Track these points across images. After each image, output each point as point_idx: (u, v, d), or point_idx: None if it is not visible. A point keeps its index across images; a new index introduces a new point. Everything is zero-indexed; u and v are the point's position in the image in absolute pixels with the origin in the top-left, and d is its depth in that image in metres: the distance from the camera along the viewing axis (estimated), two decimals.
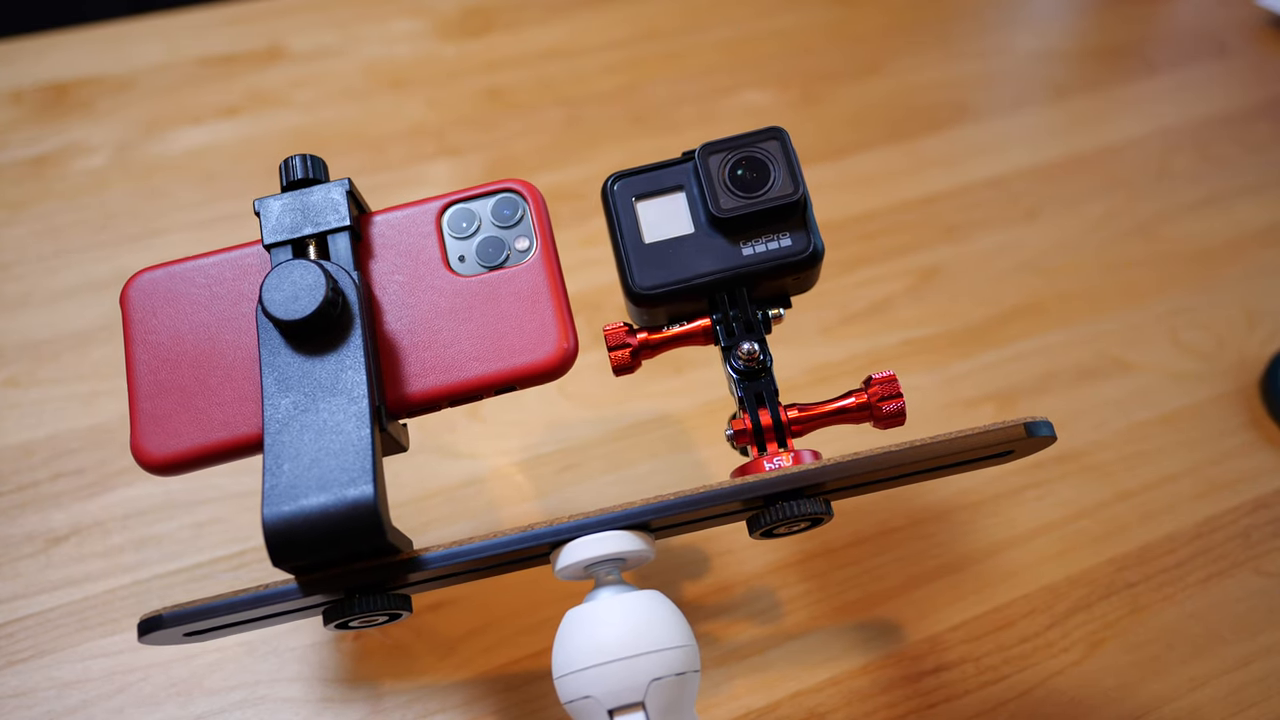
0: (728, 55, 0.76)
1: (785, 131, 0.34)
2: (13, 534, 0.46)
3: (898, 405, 0.33)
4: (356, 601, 0.30)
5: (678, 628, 0.30)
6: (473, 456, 0.50)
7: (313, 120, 0.68)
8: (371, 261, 0.33)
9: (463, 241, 0.33)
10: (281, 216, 0.32)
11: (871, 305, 0.58)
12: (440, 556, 0.30)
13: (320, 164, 0.33)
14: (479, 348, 0.31)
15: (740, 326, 0.34)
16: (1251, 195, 0.67)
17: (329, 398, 0.29)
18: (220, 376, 0.31)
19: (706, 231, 0.34)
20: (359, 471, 0.28)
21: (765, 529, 0.32)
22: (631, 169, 0.35)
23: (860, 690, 0.42)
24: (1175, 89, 0.75)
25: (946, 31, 0.80)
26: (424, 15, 0.77)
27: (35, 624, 0.43)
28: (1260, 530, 0.48)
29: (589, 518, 0.31)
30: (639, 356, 0.34)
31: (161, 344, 0.32)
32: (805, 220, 0.34)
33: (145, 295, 0.32)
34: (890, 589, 0.45)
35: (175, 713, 0.40)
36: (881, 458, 0.30)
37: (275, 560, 0.28)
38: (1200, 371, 0.55)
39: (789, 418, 0.33)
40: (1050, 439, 0.31)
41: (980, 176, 0.67)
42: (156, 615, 0.29)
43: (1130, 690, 0.42)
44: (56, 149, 0.64)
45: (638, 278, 0.34)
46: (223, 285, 0.32)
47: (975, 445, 0.30)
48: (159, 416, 0.31)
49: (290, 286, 0.29)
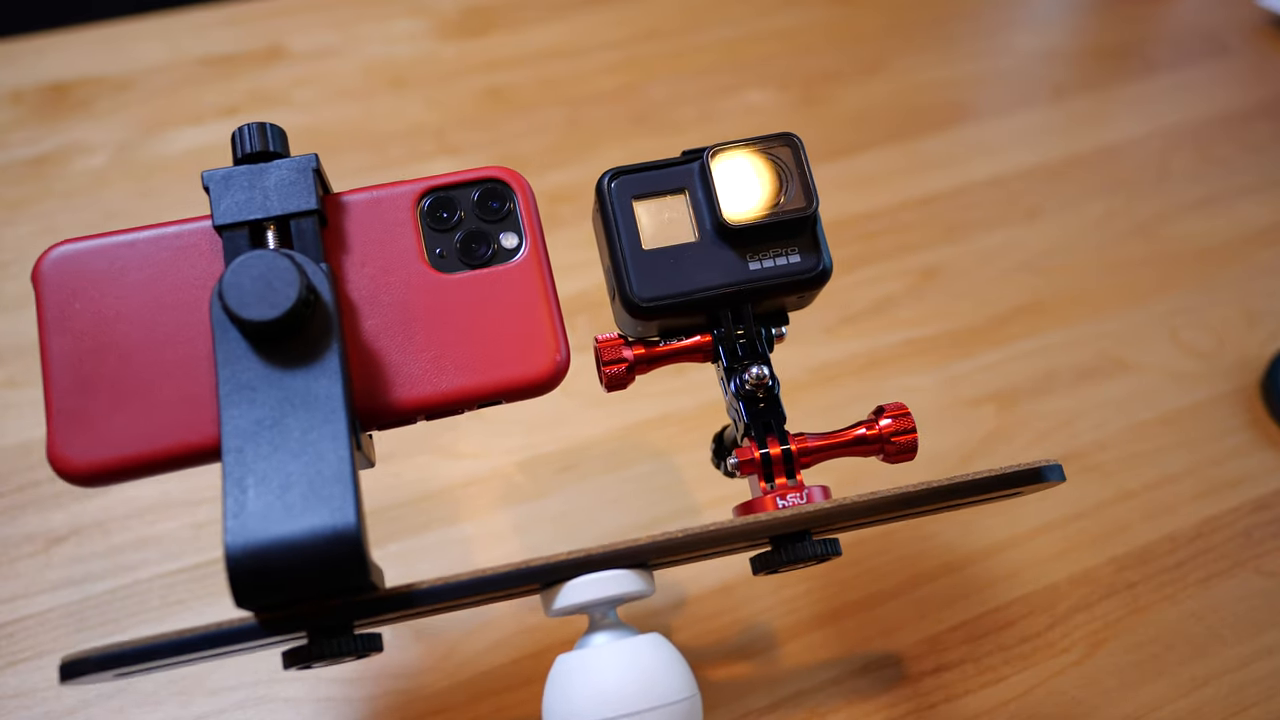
0: (728, 55, 0.76)
1: (798, 138, 0.32)
2: (12, 534, 0.46)
3: (910, 440, 0.31)
4: (324, 644, 0.26)
5: (682, 677, 0.29)
6: (473, 456, 0.49)
7: (313, 120, 0.68)
8: (339, 250, 0.29)
9: (442, 234, 0.29)
10: (236, 193, 0.27)
11: (872, 305, 0.58)
12: (426, 593, 0.27)
13: (280, 134, 0.28)
14: (460, 356, 0.28)
15: (744, 345, 0.32)
16: (1251, 195, 0.67)
17: (300, 411, 0.25)
18: (158, 373, 0.27)
19: (712, 241, 0.31)
20: (339, 498, 0.24)
21: (772, 568, 0.30)
22: (630, 166, 0.32)
23: (860, 690, 0.42)
24: (1175, 89, 0.75)
25: (946, 31, 0.80)
26: (424, 15, 0.77)
27: (35, 624, 0.43)
28: (1261, 530, 0.48)
29: (587, 554, 0.28)
30: (634, 371, 0.32)
31: (85, 331, 0.27)
32: (816, 236, 0.32)
33: (65, 273, 0.28)
34: (890, 589, 0.45)
35: (175, 713, 0.40)
36: (898, 498, 0.28)
37: (240, 599, 0.24)
38: (1200, 371, 0.55)
39: (797, 448, 0.31)
40: (1059, 481, 0.30)
41: (980, 176, 0.67)
42: (81, 658, 0.25)
43: (1130, 690, 0.42)
44: (56, 149, 0.64)
45: (638, 288, 0.31)
46: (163, 266, 0.28)
47: (990, 487, 0.29)
48: (81, 417, 0.26)
49: (257, 281, 0.25)
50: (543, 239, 0.30)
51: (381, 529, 0.46)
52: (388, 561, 0.45)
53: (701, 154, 0.32)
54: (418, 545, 0.46)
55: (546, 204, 0.63)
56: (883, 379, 0.54)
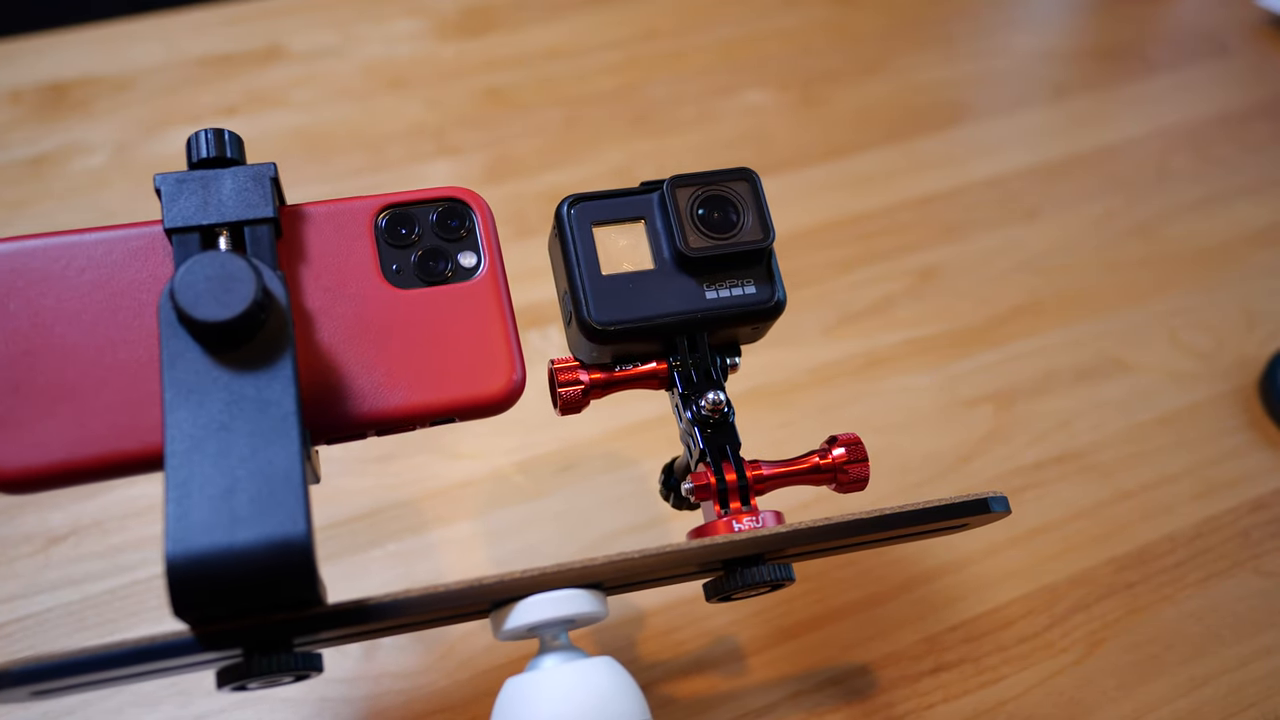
0: (728, 55, 0.76)
1: (756, 174, 0.33)
2: (11, 534, 0.46)
3: (862, 470, 0.32)
4: (258, 661, 0.25)
5: (633, 702, 0.28)
6: (472, 457, 0.49)
7: (312, 120, 0.68)
8: (294, 260, 0.28)
9: (400, 250, 0.29)
10: (189, 197, 0.27)
11: (871, 305, 0.58)
12: (377, 608, 0.26)
13: (238, 141, 0.28)
14: (414, 372, 0.28)
15: (698, 373, 0.32)
16: (1251, 195, 0.67)
17: (250, 416, 0.24)
18: (99, 378, 0.26)
19: (670, 269, 0.32)
20: (289, 505, 0.23)
21: (725, 594, 0.30)
22: (589, 193, 0.32)
23: (859, 690, 0.42)
24: (1174, 89, 0.75)
25: (946, 31, 0.80)
26: (423, 15, 0.77)
27: (34, 624, 0.43)
28: (1259, 530, 0.48)
29: (536, 574, 0.27)
30: (590, 395, 0.33)
31: (19, 333, 0.26)
32: (771, 269, 0.33)
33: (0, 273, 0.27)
34: (889, 589, 0.45)
35: (175, 712, 0.40)
36: (850, 525, 0.29)
37: (178, 608, 0.23)
38: (1199, 372, 0.56)
39: (752, 474, 0.32)
40: (1004, 514, 0.31)
41: (980, 176, 0.67)
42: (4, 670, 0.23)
43: (1129, 690, 0.42)
44: (56, 149, 0.64)
45: (596, 312, 0.31)
46: (107, 269, 0.27)
47: (939, 518, 0.29)
48: (11, 422, 0.25)
49: (210, 281, 0.24)
50: (501, 259, 0.30)
51: (381, 529, 0.47)
52: (387, 561, 0.45)
53: (661, 185, 0.32)
54: (418, 545, 0.46)
55: (545, 204, 0.63)
56: (881, 379, 0.54)
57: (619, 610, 0.44)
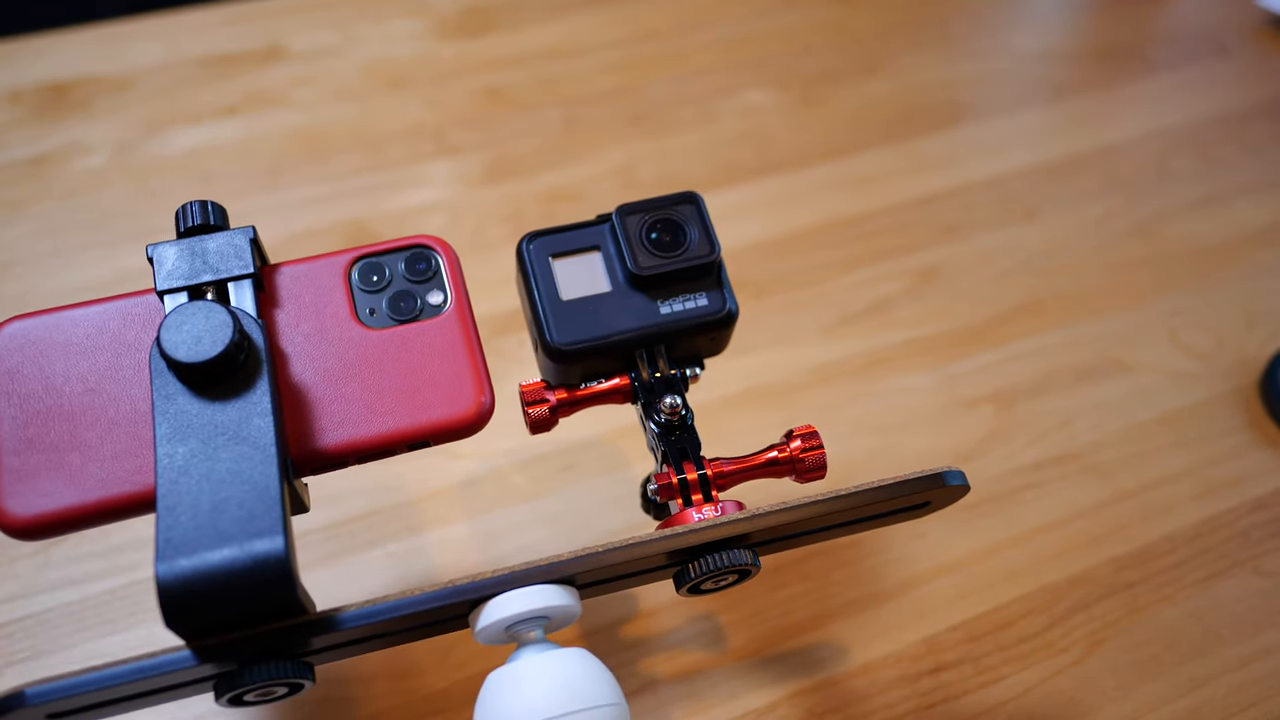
0: (728, 55, 0.76)
1: (700, 196, 0.35)
2: None
3: (818, 457, 0.33)
4: (250, 670, 0.27)
5: (607, 685, 0.29)
6: (472, 457, 0.50)
7: (312, 120, 0.68)
8: (275, 311, 0.31)
9: (373, 295, 0.32)
10: (178, 262, 0.30)
11: (871, 305, 0.58)
12: (354, 616, 0.27)
13: (221, 210, 0.31)
14: (390, 402, 0.30)
15: (659, 384, 0.34)
16: (1251, 195, 0.67)
17: (232, 445, 0.27)
18: (101, 431, 0.28)
19: (624, 290, 0.34)
20: (268, 522, 0.26)
21: (693, 583, 0.31)
22: (546, 229, 0.35)
23: (859, 691, 0.42)
24: (1175, 89, 0.75)
25: (946, 31, 0.80)
26: (423, 15, 0.77)
27: (34, 624, 0.43)
28: (1259, 530, 0.48)
29: (507, 573, 0.29)
30: (557, 414, 0.35)
31: (33, 395, 0.29)
32: (720, 281, 0.35)
33: (16, 344, 0.30)
34: (889, 589, 0.45)
35: (175, 713, 0.40)
36: (807, 505, 0.30)
37: (169, 621, 0.25)
38: (1199, 372, 0.55)
39: (713, 471, 0.33)
40: (964, 489, 0.31)
41: (979, 176, 0.67)
42: (15, 693, 0.25)
43: (1129, 690, 0.42)
44: (56, 149, 0.64)
45: (556, 335, 0.33)
46: (107, 335, 0.30)
47: (896, 494, 0.30)
48: (26, 475, 0.28)
49: (192, 328, 0.27)
50: (467, 295, 0.32)
51: (381, 529, 0.47)
52: (387, 562, 0.45)
53: (611, 215, 0.35)
54: (417, 545, 0.46)
55: (544, 204, 0.63)
56: (881, 379, 0.54)
57: (613, 612, 0.44)
